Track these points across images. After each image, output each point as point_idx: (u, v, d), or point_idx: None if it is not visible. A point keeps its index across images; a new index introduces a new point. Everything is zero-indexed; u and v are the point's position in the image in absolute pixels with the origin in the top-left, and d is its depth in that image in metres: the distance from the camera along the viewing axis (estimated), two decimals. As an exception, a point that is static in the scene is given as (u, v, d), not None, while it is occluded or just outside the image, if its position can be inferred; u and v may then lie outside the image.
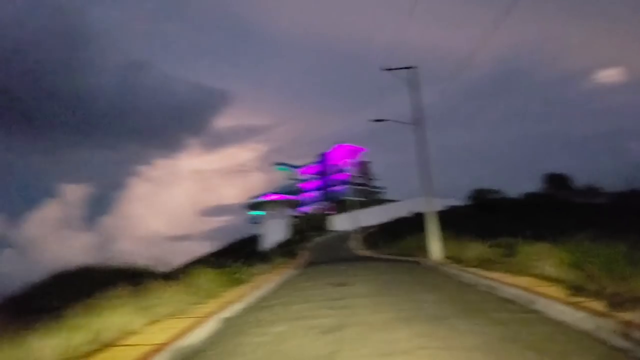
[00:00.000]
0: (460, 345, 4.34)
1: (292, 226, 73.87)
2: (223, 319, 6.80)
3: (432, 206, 16.53)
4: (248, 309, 7.87)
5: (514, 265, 9.62)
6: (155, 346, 4.98)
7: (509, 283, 7.77)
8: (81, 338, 5.00)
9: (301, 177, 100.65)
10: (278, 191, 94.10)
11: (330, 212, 78.20)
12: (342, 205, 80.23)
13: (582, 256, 7.18)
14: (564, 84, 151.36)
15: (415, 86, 16.94)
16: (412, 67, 17.17)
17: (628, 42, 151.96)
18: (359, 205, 59.63)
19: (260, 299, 9.23)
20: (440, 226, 21.98)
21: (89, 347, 4.97)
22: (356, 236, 42.51)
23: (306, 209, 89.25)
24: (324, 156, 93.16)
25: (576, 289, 6.42)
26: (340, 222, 68.08)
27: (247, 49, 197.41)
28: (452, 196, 65.00)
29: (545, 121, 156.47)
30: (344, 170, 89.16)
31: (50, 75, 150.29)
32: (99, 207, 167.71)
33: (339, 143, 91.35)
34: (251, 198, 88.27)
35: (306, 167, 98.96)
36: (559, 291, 6.58)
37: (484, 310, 6.09)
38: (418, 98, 16.70)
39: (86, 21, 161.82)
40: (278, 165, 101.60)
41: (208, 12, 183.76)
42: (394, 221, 50.71)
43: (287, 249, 39.00)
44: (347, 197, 79.14)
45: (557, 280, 7.39)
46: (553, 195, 52.23)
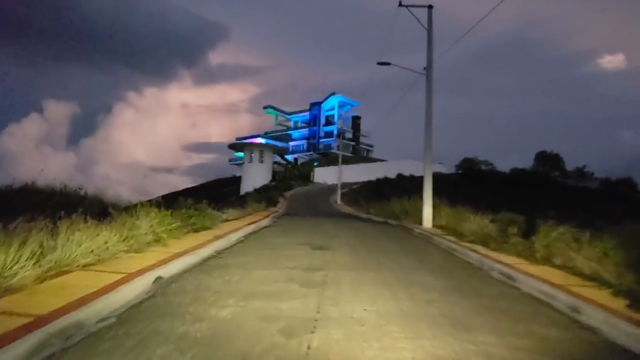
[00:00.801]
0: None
1: (276, 172, 72.03)
2: (152, 282, 4.96)
3: (430, 167, 14.73)
4: (193, 268, 6.05)
5: (528, 249, 7.97)
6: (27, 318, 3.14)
7: (533, 274, 6.08)
8: None
9: (291, 124, 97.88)
10: (265, 135, 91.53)
11: (315, 163, 76.35)
12: (328, 157, 78.43)
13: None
14: (568, 64, 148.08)
15: (429, 28, 14.68)
16: (429, 7, 14.89)
17: (633, 31, 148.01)
18: (346, 160, 57.82)
19: (216, 254, 7.44)
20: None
21: None
22: (339, 191, 40.89)
23: (292, 157, 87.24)
24: (317, 106, 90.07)
25: (637, 300, 4.75)
26: (324, 175, 66.37)
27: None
28: (440, 162, 63.92)
29: (543, 99, 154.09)
30: (335, 122, 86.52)
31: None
32: (83, 128, 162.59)
33: (334, 93, 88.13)
34: (238, 139, 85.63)
35: (297, 114, 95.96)
36: (610, 298, 4.89)
37: (517, 315, 4.36)
38: (430, 40, 14.47)
39: None
40: (267, 108, 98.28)
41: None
42: (379, 181, 49.28)
43: (267, 195, 37.28)
44: (335, 151, 77.21)
45: (598, 279, 5.72)
46: (544, 174, 51.25)
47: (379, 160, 76.53)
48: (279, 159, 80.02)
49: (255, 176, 63.63)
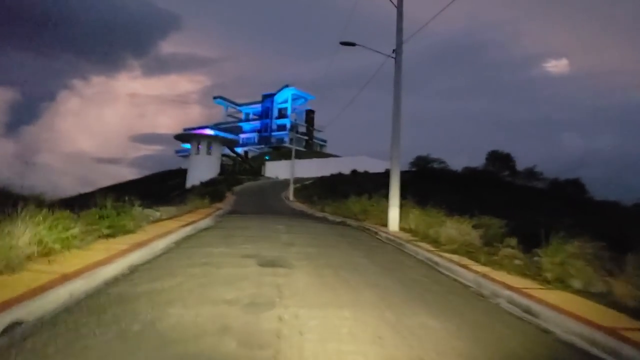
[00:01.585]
0: None
1: (225, 166, 68.88)
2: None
3: (398, 162, 13.14)
4: (79, 303, 3.99)
5: (532, 267, 6.47)
6: None
7: (560, 308, 4.49)
8: None
9: (242, 116, 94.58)
10: (214, 127, 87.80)
11: (267, 157, 73.89)
12: (281, 151, 76.15)
13: None
14: (515, 67, 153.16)
15: (399, 5, 13.04)
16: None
17: (576, 36, 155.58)
18: (299, 154, 55.95)
19: (128, 272, 5.38)
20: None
21: None
22: (292, 186, 38.98)
23: (242, 150, 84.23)
24: (269, 98, 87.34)
25: None
26: (276, 169, 64.11)
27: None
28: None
29: (492, 100, 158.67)
30: (288, 115, 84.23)
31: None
32: (24, 116, 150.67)
33: (287, 85, 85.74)
34: (185, 129, 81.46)
35: (248, 106, 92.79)
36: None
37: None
38: (400, 18, 12.82)
39: None
40: (217, 98, 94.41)
41: None
42: (333, 177, 47.92)
43: (214, 189, 34.76)
44: (287, 144, 75.03)
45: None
46: (494, 173, 51.67)
47: (333, 155, 75.17)
48: (229, 152, 76.85)
49: (202, 169, 60.32)
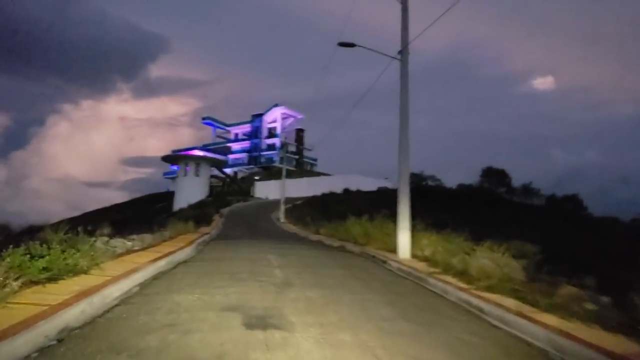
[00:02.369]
0: None
1: (213, 187, 66.77)
2: None
3: (407, 175, 11.41)
4: None
5: (611, 314, 4.73)
6: None
7: None
8: None
9: (231, 136, 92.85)
10: (204, 148, 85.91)
11: (256, 177, 71.93)
12: (271, 171, 74.33)
13: None
14: (503, 85, 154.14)
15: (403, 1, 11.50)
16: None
17: (562, 53, 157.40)
18: (289, 174, 54.20)
19: (54, 343, 3.54)
20: (398, 210, 17.32)
21: None
22: (283, 207, 37.07)
23: (231, 171, 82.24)
24: (258, 117, 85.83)
25: None
26: (266, 189, 62.15)
27: (196, 0, 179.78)
28: (386, 178, 61.93)
29: (481, 117, 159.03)
30: (277, 135, 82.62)
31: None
32: (14, 141, 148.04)
33: (277, 104, 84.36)
34: (174, 151, 79.43)
35: (237, 127, 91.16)
36: None
37: None
38: (406, 14, 11.24)
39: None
40: (206, 119, 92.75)
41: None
42: (324, 196, 46.12)
43: (201, 212, 32.74)
44: (277, 164, 73.28)
45: None
46: (491, 190, 50.21)
47: (324, 174, 73.57)
48: (218, 173, 74.80)
49: (190, 191, 58.17)
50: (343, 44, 11.38)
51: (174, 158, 69.11)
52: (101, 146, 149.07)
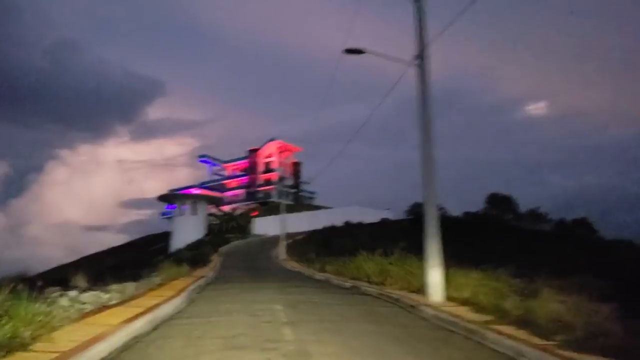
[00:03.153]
0: None
1: (211, 225, 64.75)
2: None
3: (435, 201, 9.84)
4: None
5: None
6: None
7: None
8: None
9: (227, 173, 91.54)
10: (201, 186, 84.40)
11: (255, 214, 70.07)
12: (269, 206, 72.56)
13: None
14: (496, 112, 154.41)
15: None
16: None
17: (556, 79, 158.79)
18: (288, 208, 52.56)
19: None
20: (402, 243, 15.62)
21: None
22: (283, 243, 35.20)
23: (229, 208, 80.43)
24: (254, 153, 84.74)
25: None
26: (265, 225, 60.08)
27: (190, 42, 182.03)
28: (387, 208, 60.16)
29: (477, 144, 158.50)
30: (274, 169, 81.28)
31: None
32: (13, 189, 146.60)
33: (272, 139, 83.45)
34: (171, 191, 77.78)
35: (233, 163, 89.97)
36: None
37: None
38: (422, 13, 9.86)
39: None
40: (202, 157, 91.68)
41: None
42: (325, 230, 44.36)
43: (198, 252, 30.87)
44: (275, 199, 71.57)
45: None
46: (498, 217, 48.41)
47: (323, 207, 71.81)
48: (215, 211, 72.92)
49: (187, 230, 56.04)
50: (350, 51, 9.98)
51: (170, 197, 67.35)
52: (100, 190, 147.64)
